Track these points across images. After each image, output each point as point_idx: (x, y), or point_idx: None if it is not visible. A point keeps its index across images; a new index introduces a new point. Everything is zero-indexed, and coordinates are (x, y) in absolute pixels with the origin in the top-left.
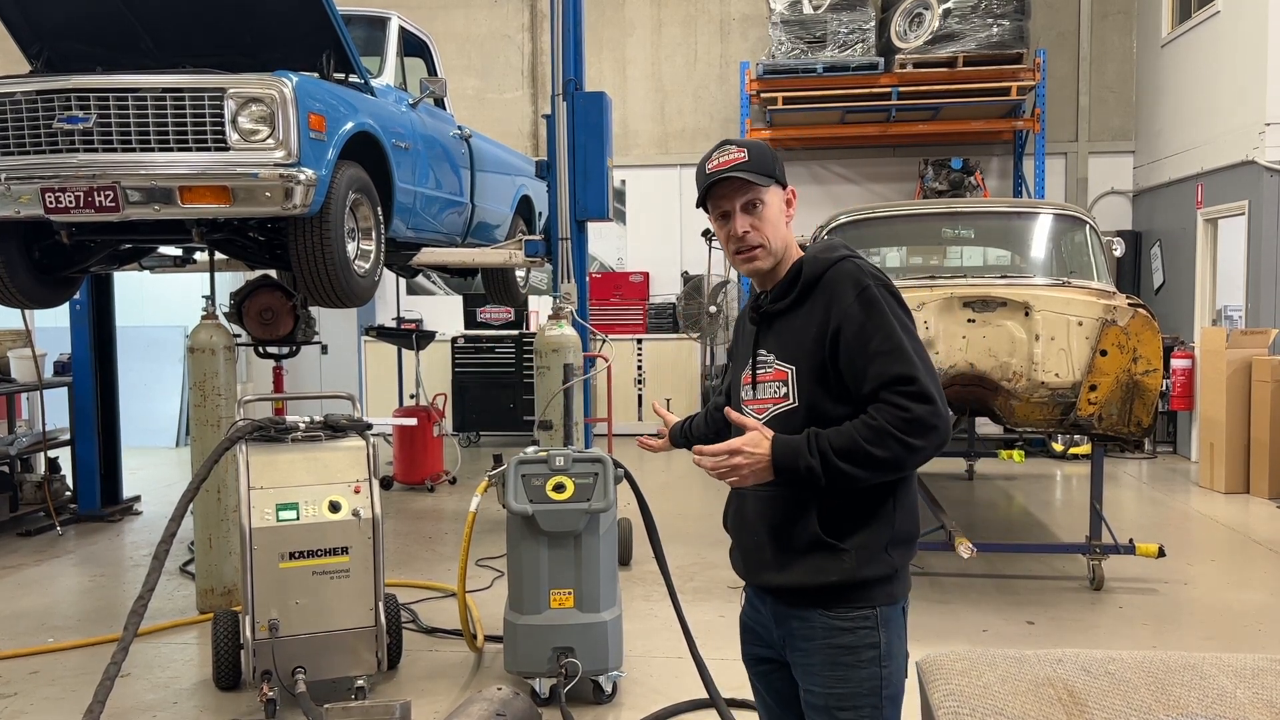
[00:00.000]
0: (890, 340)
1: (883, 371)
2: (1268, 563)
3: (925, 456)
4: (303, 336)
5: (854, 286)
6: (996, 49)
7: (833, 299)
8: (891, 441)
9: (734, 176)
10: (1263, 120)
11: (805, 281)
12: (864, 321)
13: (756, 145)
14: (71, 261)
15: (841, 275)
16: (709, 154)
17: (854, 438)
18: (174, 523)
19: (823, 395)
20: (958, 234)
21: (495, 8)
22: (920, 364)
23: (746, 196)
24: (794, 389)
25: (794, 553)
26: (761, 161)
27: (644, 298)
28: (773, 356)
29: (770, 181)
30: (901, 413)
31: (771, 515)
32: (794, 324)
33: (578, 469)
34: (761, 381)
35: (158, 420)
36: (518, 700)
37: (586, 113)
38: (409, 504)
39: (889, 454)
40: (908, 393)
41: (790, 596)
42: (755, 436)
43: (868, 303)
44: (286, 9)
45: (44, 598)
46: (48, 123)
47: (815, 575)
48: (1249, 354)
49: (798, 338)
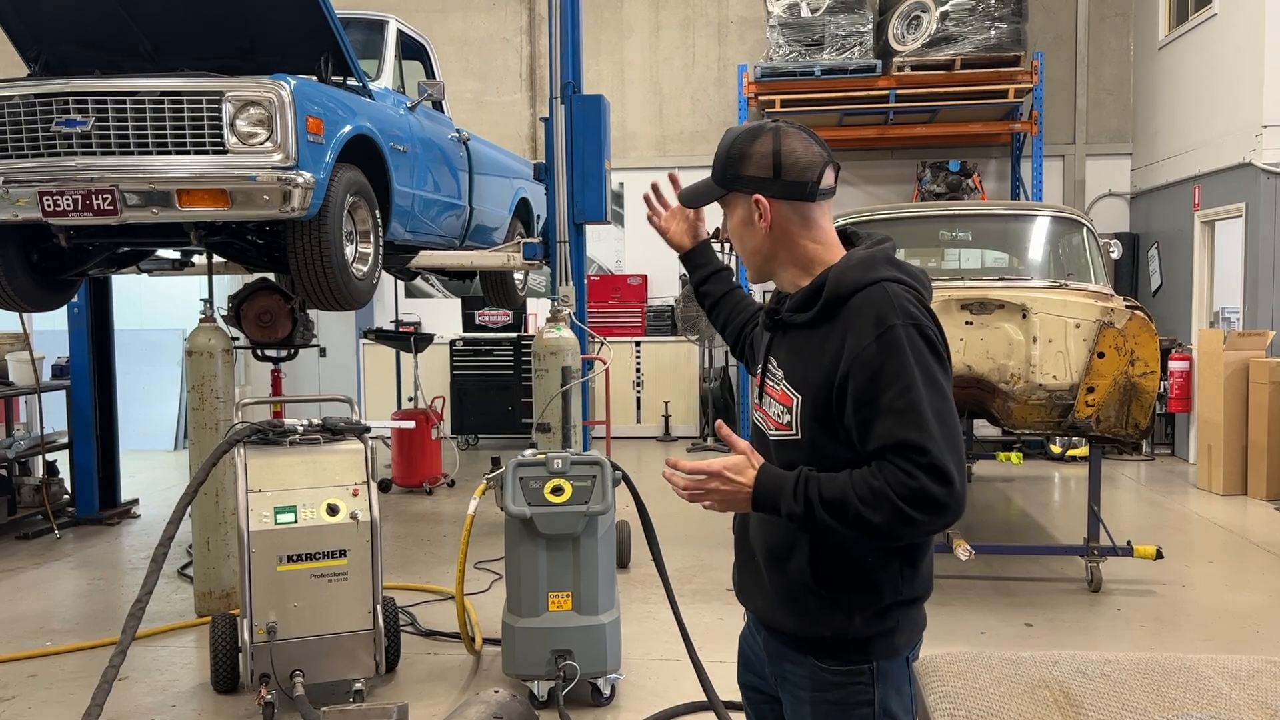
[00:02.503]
0: (906, 396)
1: (890, 434)
2: (1265, 564)
3: (925, 533)
4: (301, 339)
5: (876, 324)
6: (994, 52)
7: (849, 333)
8: (889, 508)
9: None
10: (1259, 122)
11: (828, 300)
12: (879, 369)
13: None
14: (70, 264)
15: (866, 305)
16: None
17: (848, 493)
18: (172, 526)
19: (824, 436)
20: (955, 236)
21: (493, 11)
22: (939, 430)
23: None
24: (798, 421)
25: (785, 591)
26: (717, 165)
27: (642, 300)
28: (782, 374)
29: (720, 190)
30: (909, 480)
31: (767, 538)
32: (808, 345)
33: (576, 472)
34: (769, 395)
35: (156, 423)
36: (515, 703)
37: (584, 115)
38: (407, 507)
39: (882, 521)
40: (919, 464)
41: (784, 639)
42: (741, 462)
43: (888, 346)
44: (285, 12)
45: (42, 601)
46: (46, 126)
47: (804, 624)
48: (1246, 356)
49: (807, 364)
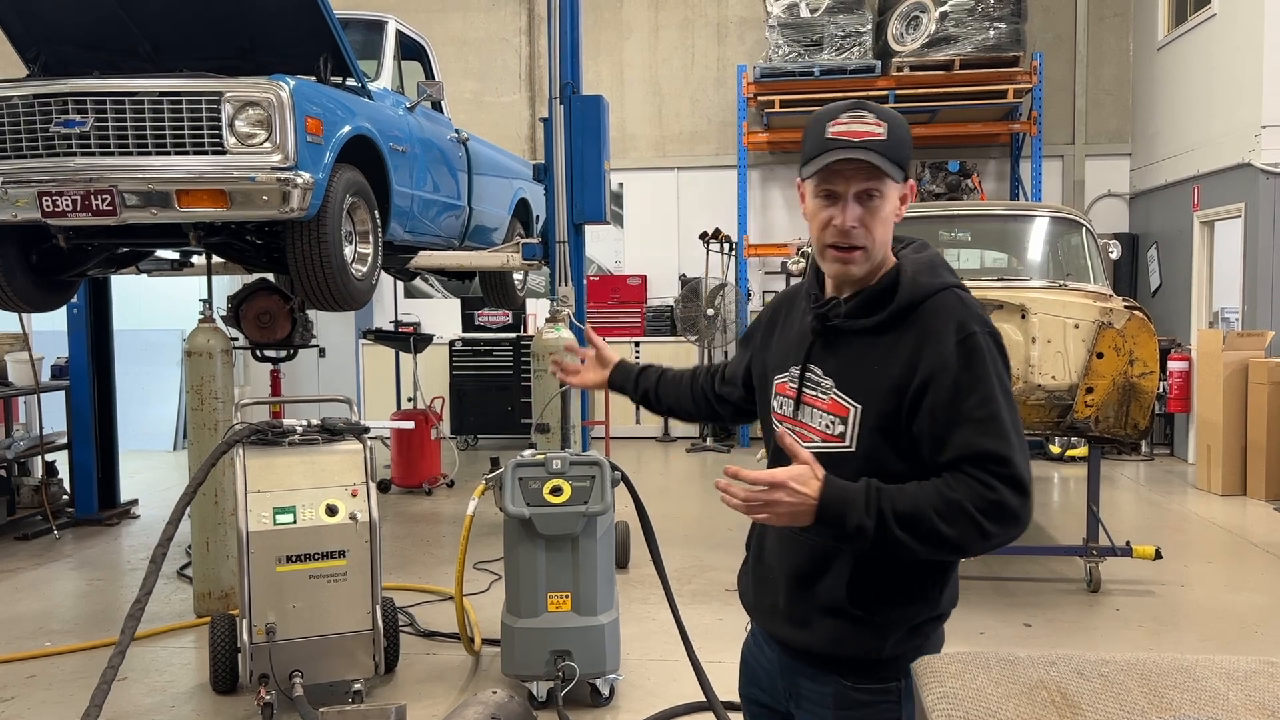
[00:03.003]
0: (988, 406)
1: (972, 443)
2: (1264, 565)
3: (993, 547)
4: (300, 340)
5: (957, 330)
6: (993, 52)
7: (927, 340)
8: (966, 522)
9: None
10: (1259, 123)
11: (900, 306)
12: (960, 377)
13: (896, 121)
14: (69, 265)
15: (944, 310)
16: (833, 112)
17: (922, 506)
18: (171, 526)
19: (885, 447)
20: (955, 236)
21: (493, 11)
22: (1017, 441)
23: (867, 184)
24: (854, 432)
25: (812, 610)
26: (899, 146)
27: (642, 300)
28: (832, 383)
29: (900, 174)
30: (987, 492)
31: (793, 559)
32: (871, 353)
33: (575, 472)
34: (810, 405)
35: (155, 424)
36: (514, 703)
37: (584, 116)
38: (406, 507)
39: (958, 535)
40: (1000, 475)
41: (807, 657)
42: (805, 472)
43: (969, 353)
44: (284, 13)
45: (41, 601)
46: (45, 126)
47: (833, 644)
48: (1246, 356)
49: (872, 372)
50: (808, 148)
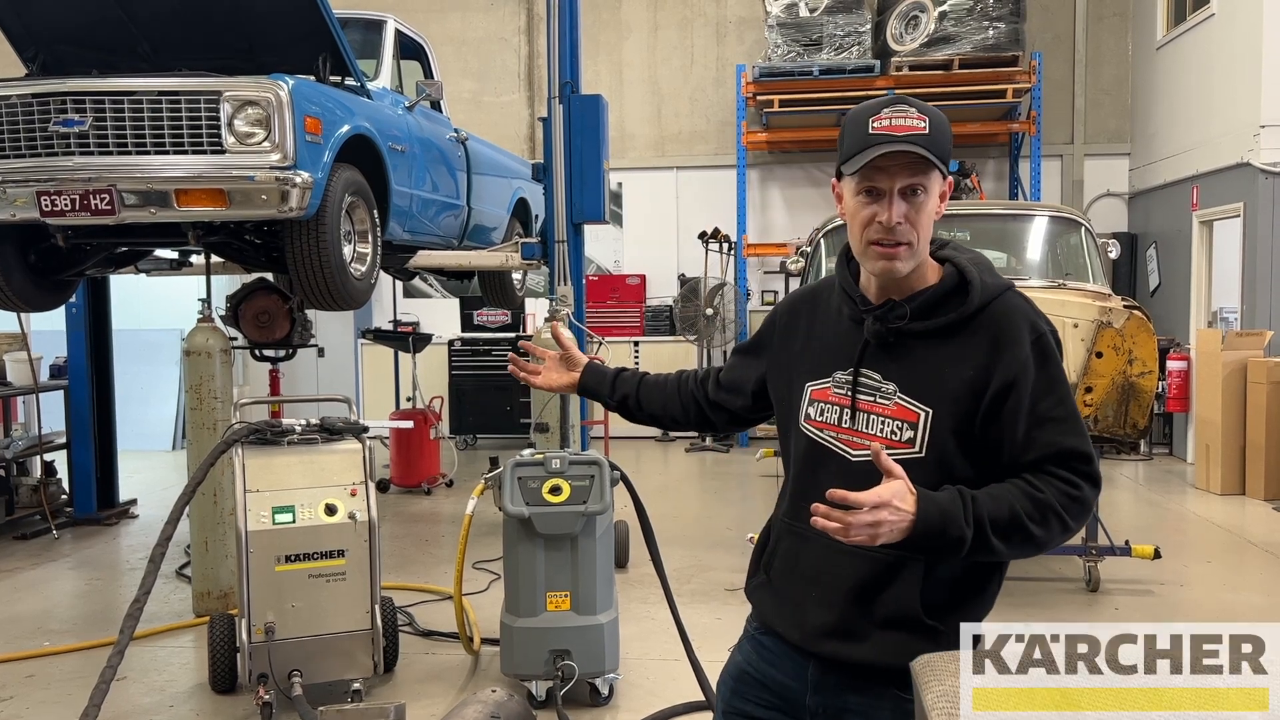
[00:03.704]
0: (1065, 406)
1: (1055, 442)
2: (1263, 564)
3: (1065, 541)
4: (299, 339)
5: (1030, 331)
6: (992, 52)
7: (1003, 342)
8: (1054, 521)
9: (910, 151)
10: (1257, 122)
11: (973, 307)
12: (1038, 377)
13: (938, 117)
14: (67, 264)
15: (1015, 313)
16: (874, 108)
17: (1015, 510)
18: (170, 526)
19: (958, 452)
20: (954, 236)
21: (491, 11)
22: (1089, 439)
23: (913, 179)
24: (924, 437)
25: (877, 625)
26: (942, 141)
27: (641, 300)
28: (894, 387)
29: (944, 168)
30: (1073, 490)
31: (857, 575)
32: (938, 356)
33: (574, 471)
34: (871, 412)
35: (154, 423)
36: (513, 703)
37: (583, 115)
38: (406, 507)
39: (1046, 535)
40: (1083, 472)
41: (861, 672)
42: (902, 489)
43: (1043, 354)
44: (283, 12)
45: (40, 601)
46: (43, 126)
47: (902, 656)
48: (1245, 356)
49: (942, 375)
50: (849, 144)
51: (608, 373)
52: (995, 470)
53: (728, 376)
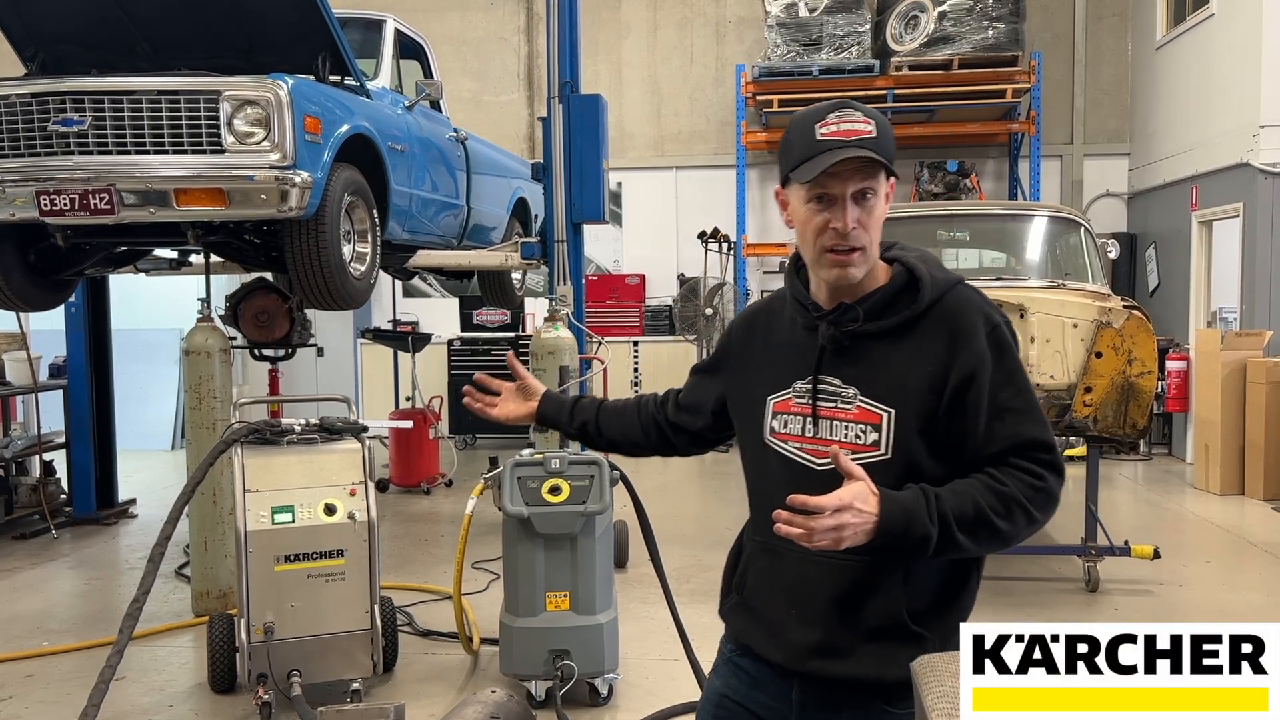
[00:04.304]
0: (1023, 396)
1: (1017, 433)
2: (1262, 564)
3: (1033, 533)
4: (298, 339)
5: (985, 323)
6: (992, 52)
7: (958, 336)
8: (1019, 514)
9: (862, 156)
10: (1257, 122)
11: (925, 303)
12: (995, 369)
13: (881, 119)
14: (67, 264)
15: (968, 305)
16: (819, 113)
17: (979, 505)
18: (169, 525)
19: (923, 450)
20: (953, 236)
21: (491, 10)
22: (1050, 428)
23: (864, 183)
24: (889, 438)
25: (862, 637)
26: (888, 141)
27: (640, 300)
28: (855, 391)
29: (891, 170)
30: (1036, 481)
31: (836, 587)
32: (895, 355)
33: (573, 471)
34: (834, 419)
35: (153, 423)
36: (512, 703)
37: (582, 115)
38: (405, 506)
39: (1011, 528)
40: (1045, 461)
41: (847, 688)
42: (864, 490)
43: (999, 346)
44: (282, 12)
45: (39, 601)
46: (43, 125)
47: (889, 667)
48: (1244, 356)
49: (901, 374)
50: (797, 152)
51: (566, 400)
52: (961, 467)
53: (687, 398)
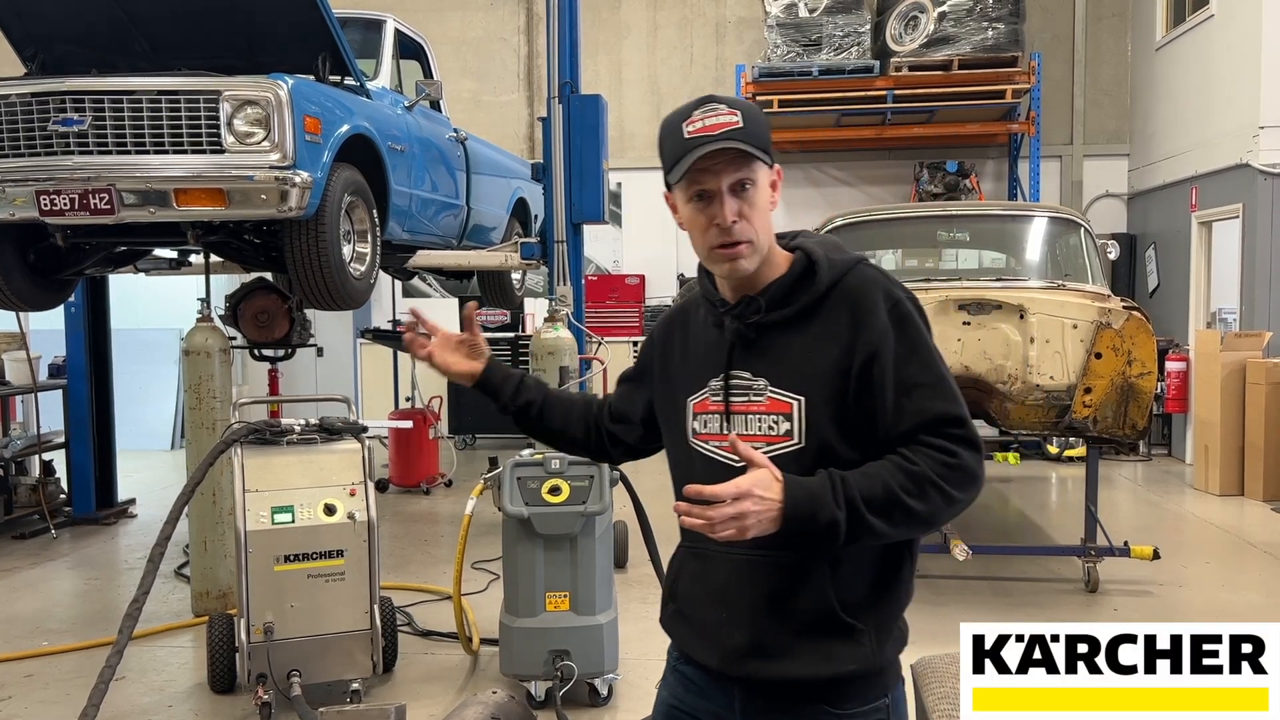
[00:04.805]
0: (931, 370)
1: (926, 408)
2: (1262, 565)
3: (959, 513)
4: (298, 339)
5: (886, 299)
6: (991, 52)
7: (860, 314)
8: (934, 494)
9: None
10: (1256, 123)
11: (823, 286)
12: (900, 345)
13: (750, 107)
14: (66, 264)
15: (868, 283)
16: (684, 112)
17: (890, 486)
18: (169, 525)
19: (836, 435)
20: (953, 236)
21: (491, 10)
22: (962, 401)
23: (738, 175)
24: (800, 426)
25: (794, 635)
26: (758, 129)
27: (640, 300)
28: (765, 382)
29: (768, 159)
30: (948, 458)
31: (763, 584)
32: (801, 341)
33: (573, 472)
34: (748, 413)
35: (153, 423)
36: (512, 703)
37: (582, 115)
38: (405, 507)
39: (928, 508)
40: (956, 436)
41: (786, 691)
42: (765, 476)
43: (901, 321)
44: (282, 12)
45: (39, 601)
46: (43, 125)
47: (826, 664)
48: (1243, 356)
49: (808, 360)
50: (669, 154)
51: (514, 374)
52: (874, 449)
53: (617, 406)
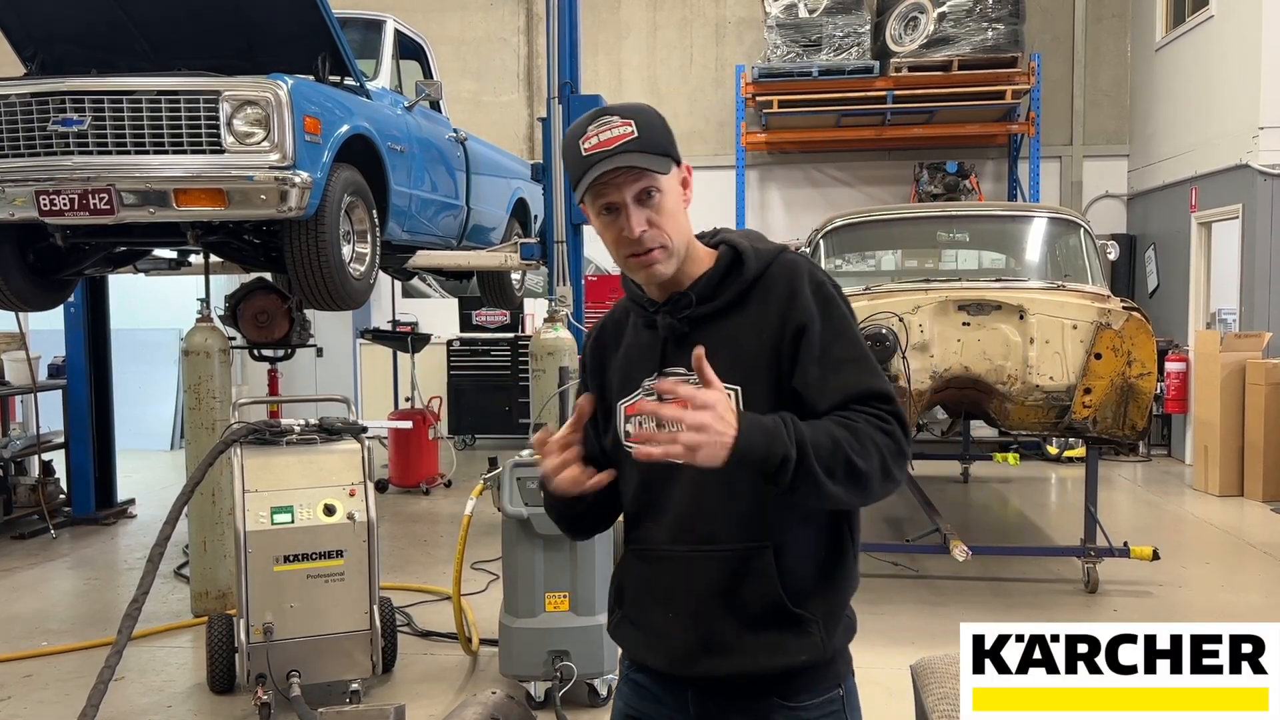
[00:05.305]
0: (856, 348)
1: (853, 383)
2: (1261, 565)
3: (890, 491)
4: (298, 339)
5: (810, 281)
6: (991, 53)
7: (787, 296)
8: (875, 456)
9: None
10: (1256, 124)
11: (751, 274)
12: (825, 324)
13: (644, 113)
14: (66, 264)
15: (792, 268)
16: (580, 128)
17: (835, 437)
18: (169, 526)
19: None
20: (953, 237)
21: (491, 11)
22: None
23: (640, 184)
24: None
25: (743, 629)
26: (654, 135)
27: None
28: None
29: (668, 163)
30: (884, 425)
31: (709, 580)
32: (731, 332)
33: None
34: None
35: (152, 423)
36: (512, 704)
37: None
38: (404, 507)
39: (869, 470)
40: (887, 411)
41: (739, 687)
42: (726, 401)
43: (826, 301)
44: (282, 12)
45: (38, 601)
46: (43, 125)
47: (776, 656)
48: (1243, 357)
49: (740, 349)
50: (571, 172)
51: None
52: None
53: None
